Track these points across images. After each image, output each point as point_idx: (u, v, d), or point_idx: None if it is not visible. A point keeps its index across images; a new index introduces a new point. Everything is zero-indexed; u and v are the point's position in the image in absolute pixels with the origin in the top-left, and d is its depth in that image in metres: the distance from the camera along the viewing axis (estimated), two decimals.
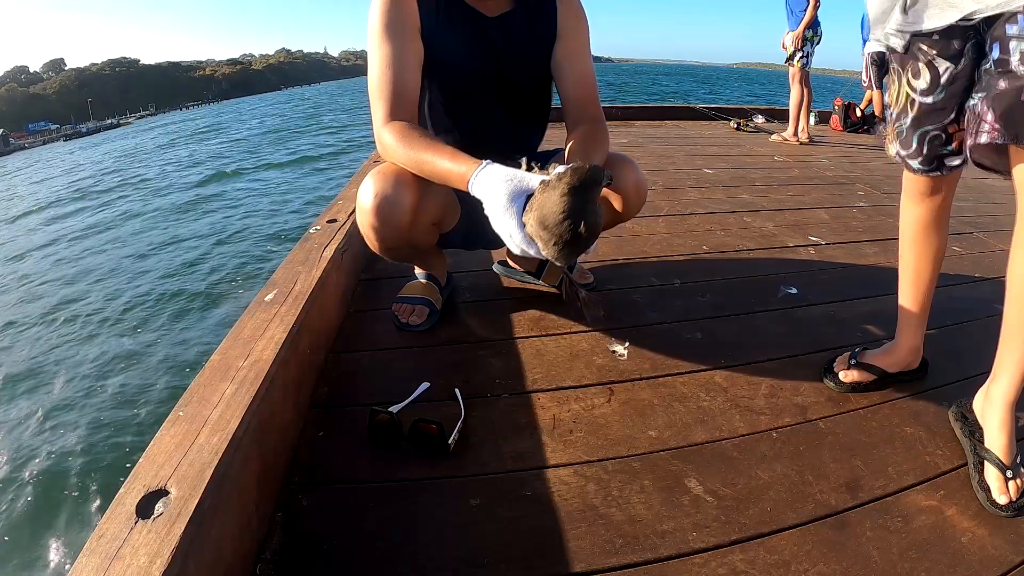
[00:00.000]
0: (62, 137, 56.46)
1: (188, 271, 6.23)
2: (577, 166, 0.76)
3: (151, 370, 4.02)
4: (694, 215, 2.11)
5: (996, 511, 0.78)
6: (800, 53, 3.81)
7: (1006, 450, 0.82)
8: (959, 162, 0.88)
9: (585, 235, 0.77)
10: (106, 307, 5.41)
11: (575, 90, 1.12)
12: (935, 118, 0.85)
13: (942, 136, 0.86)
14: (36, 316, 5.43)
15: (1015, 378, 0.82)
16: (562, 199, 0.75)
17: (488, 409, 0.97)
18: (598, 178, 0.76)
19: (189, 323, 4.83)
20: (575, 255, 0.81)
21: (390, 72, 1.00)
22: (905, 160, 0.92)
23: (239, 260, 6.46)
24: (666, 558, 0.70)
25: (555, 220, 0.76)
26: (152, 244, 7.66)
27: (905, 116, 0.88)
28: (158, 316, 5.01)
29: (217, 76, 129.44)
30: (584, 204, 0.76)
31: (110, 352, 4.42)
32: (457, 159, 0.90)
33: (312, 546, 0.71)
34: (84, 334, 4.85)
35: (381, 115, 1.00)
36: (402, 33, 1.02)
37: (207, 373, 0.79)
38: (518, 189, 0.82)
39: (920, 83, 0.83)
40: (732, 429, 0.94)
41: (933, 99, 0.83)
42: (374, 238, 1.05)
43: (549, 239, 0.78)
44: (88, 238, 8.64)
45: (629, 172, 1.11)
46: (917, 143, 0.88)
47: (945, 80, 0.81)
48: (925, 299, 1.02)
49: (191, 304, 5.23)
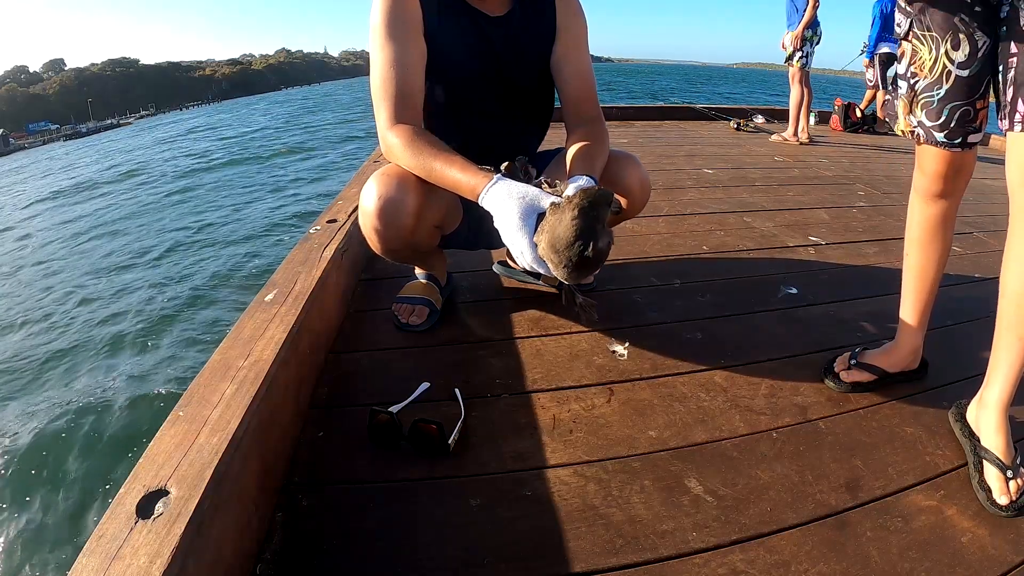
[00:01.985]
0: (62, 137, 56.47)
1: (188, 270, 6.23)
2: (587, 189, 0.79)
3: (151, 370, 4.02)
4: (694, 215, 2.11)
5: (997, 511, 0.78)
6: (800, 53, 3.82)
7: (1004, 450, 0.82)
8: (979, 138, 0.87)
9: (594, 258, 0.79)
10: (106, 306, 5.41)
11: (573, 89, 1.12)
12: (967, 92, 0.83)
13: (970, 112, 0.84)
14: (36, 314, 5.43)
15: (1008, 381, 0.82)
16: (572, 223, 0.77)
17: (488, 409, 0.97)
18: (607, 200, 0.78)
19: (189, 323, 4.82)
20: (584, 276, 0.83)
21: (394, 73, 0.99)
22: (930, 132, 0.88)
23: (240, 260, 6.46)
24: (666, 558, 0.70)
25: (565, 243, 0.78)
26: (153, 241, 7.66)
27: (939, 87, 0.85)
28: (158, 316, 5.00)
29: (217, 76, 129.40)
30: (593, 228, 0.78)
31: (110, 352, 4.42)
32: (467, 170, 0.91)
33: (312, 546, 0.71)
34: (84, 333, 4.85)
35: (386, 117, 1.00)
36: (405, 33, 1.01)
37: (207, 373, 0.79)
38: (530, 208, 0.84)
39: (959, 55, 0.81)
40: (732, 429, 0.94)
41: (969, 72, 0.82)
42: (376, 240, 1.05)
43: (560, 262, 0.80)
44: (83, 234, 8.65)
45: (633, 169, 1.12)
46: (947, 116, 0.86)
47: (982, 54, 0.80)
48: (928, 300, 1.02)
49: (191, 303, 5.22)
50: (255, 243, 7.05)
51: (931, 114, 0.87)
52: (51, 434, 3.37)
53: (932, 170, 0.92)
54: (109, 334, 4.75)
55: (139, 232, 8.46)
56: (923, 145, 0.92)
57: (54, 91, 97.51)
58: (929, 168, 0.93)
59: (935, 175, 0.92)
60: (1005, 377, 0.82)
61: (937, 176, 0.92)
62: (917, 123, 0.90)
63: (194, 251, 7.02)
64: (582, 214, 0.77)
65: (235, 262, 6.40)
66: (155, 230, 8.41)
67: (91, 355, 4.41)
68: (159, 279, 6.04)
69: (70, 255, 7.74)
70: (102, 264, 6.99)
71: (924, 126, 0.89)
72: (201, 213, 9.10)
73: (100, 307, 5.43)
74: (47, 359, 4.43)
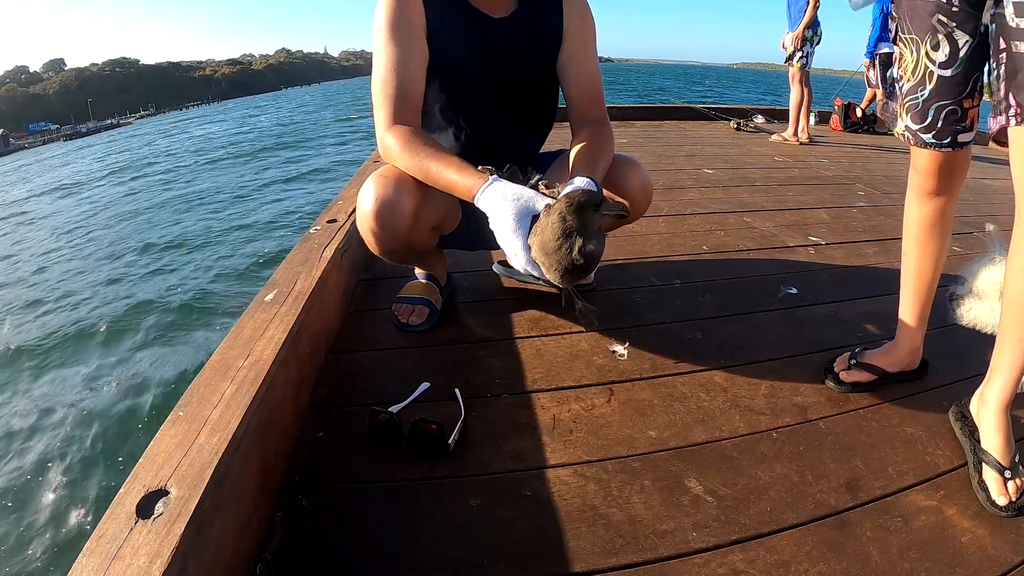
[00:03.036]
0: (62, 137, 56.48)
1: (188, 269, 6.23)
2: (573, 192, 0.80)
3: (151, 370, 4.01)
4: (694, 215, 2.11)
5: (996, 511, 0.78)
6: (800, 53, 3.81)
7: (1003, 451, 0.82)
8: (970, 138, 0.88)
9: (584, 262, 0.80)
10: (106, 304, 5.41)
11: (579, 92, 1.12)
12: (952, 91, 0.84)
13: (957, 111, 0.85)
14: (35, 314, 5.43)
15: (1009, 380, 0.82)
16: (560, 226, 0.78)
17: (488, 409, 0.97)
18: (595, 203, 0.79)
19: (189, 322, 4.82)
20: (576, 279, 0.84)
21: (395, 75, 1.00)
22: (917, 134, 0.89)
23: (240, 259, 6.46)
24: (666, 558, 0.70)
25: (554, 247, 0.79)
26: (153, 239, 7.65)
27: (922, 88, 0.86)
28: (158, 315, 5.00)
29: (217, 76, 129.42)
30: (581, 231, 0.78)
31: (110, 351, 4.41)
32: (463, 171, 0.91)
33: (312, 546, 0.71)
34: (84, 332, 4.84)
35: (385, 118, 1.01)
36: (408, 36, 1.02)
37: (207, 373, 0.79)
38: (524, 210, 0.84)
39: (939, 55, 0.82)
40: (732, 429, 0.94)
41: (952, 72, 0.82)
42: (374, 242, 1.05)
43: (550, 264, 0.81)
44: (85, 229, 8.65)
45: (635, 174, 1.12)
46: (932, 116, 0.86)
47: (964, 54, 0.81)
48: (926, 299, 1.02)
49: (191, 303, 5.22)
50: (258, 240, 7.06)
51: (916, 116, 0.88)
52: (51, 434, 3.37)
53: (926, 168, 0.93)
54: (109, 332, 4.75)
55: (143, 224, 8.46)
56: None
57: (54, 91, 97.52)
58: (923, 167, 0.93)
59: (929, 173, 0.93)
60: (1005, 378, 0.82)
61: (931, 174, 0.92)
62: (903, 127, 0.91)
63: (196, 247, 7.02)
64: (569, 217, 0.78)
65: (236, 261, 6.39)
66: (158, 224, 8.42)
67: (91, 353, 4.40)
68: (159, 277, 6.04)
69: (68, 248, 7.74)
70: (101, 258, 6.99)
71: (911, 129, 0.90)
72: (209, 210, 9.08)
73: (99, 304, 5.43)
74: (46, 358, 4.43)
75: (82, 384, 3.95)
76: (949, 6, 0.79)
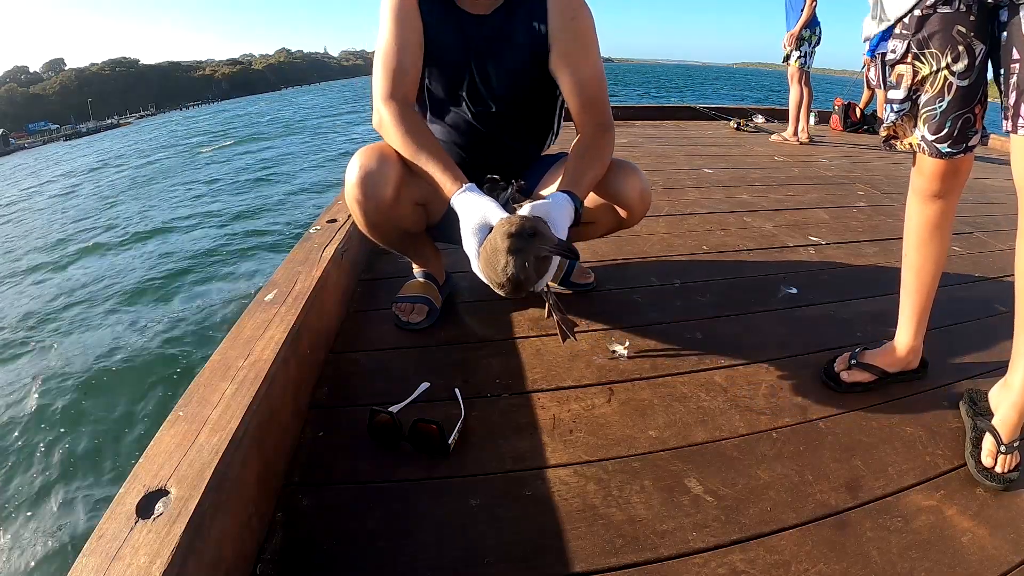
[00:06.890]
0: (62, 137, 56.50)
1: (189, 269, 6.23)
2: (513, 218, 0.83)
3: (151, 369, 4.01)
4: (694, 215, 2.11)
5: (982, 478, 0.79)
6: (797, 53, 3.81)
7: (1011, 429, 0.83)
8: (978, 140, 0.89)
9: (515, 285, 0.83)
10: (106, 304, 5.41)
11: (575, 95, 1.10)
12: (968, 100, 0.84)
13: (971, 119, 0.86)
14: (35, 313, 5.43)
15: None
16: (494, 248, 0.83)
17: (488, 409, 0.97)
18: (527, 232, 0.82)
19: (189, 322, 4.82)
20: (516, 295, 0.87)
21: (395, 50, 1.05)
22: (933, 144, 0.89)
23: (240, 259, 6.45)
24: (666, 558, 0.70)
25: (490, 264, 0.84)
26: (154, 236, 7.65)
27: (941, 100, 0.86)
28: (158, 314, 5.00)
29: (217, 76, 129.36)
30: (516, 256, 0.81)
31: (110, 350, 4.41)
32: (446, 173, 0.96)
33: (312, 546, 0.71)
34: (84, 331, 4.84)
35: (382, 89, 1.05)
36: (407, 22, 1.07)
37: (207, 373, 0.79)
38: (482, 223, 0.90)
39: (959, 66, 0.82)
40: (732, 429, 0.94)
41: (969, 81, 0.83)
42: (359, 212, 1.07)
43: (487, 279, 0.87)
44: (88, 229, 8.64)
45: (634, 180, 1.11)
46: (950, 127, 0.86)
47: (979, 62, 0.82)
48: (927, 300, 1.02)
49: (192, 303, 5.22)
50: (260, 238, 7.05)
51: (933, 127, 0.88)
52: (50, 434, 3.37)
53: (930, 172, 0.93)
54: (109, 332, 4.75)
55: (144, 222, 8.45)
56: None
57: (54, 91, 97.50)
58: (927, 170, 0.93)
59: (933, 176, 0.93)
60: None
61: (935, 177, 0.93)
62: (920, 137, 0.90)
63: (196, 247, 7.01)
64: (501, 241, 0.82)
65: (237, 261, 6.39)
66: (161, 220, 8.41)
67: (91, 353, 4.40)
68: (159, 275, 6.04)
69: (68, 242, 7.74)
70: (101, 256, 6.99)
71: (927, 140, 0.90)
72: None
73: (100, 303, 5.43)
74: (46, 358, 4.43)
75: (82, 384, 3.95)
76: (968, 15, 0.80)
